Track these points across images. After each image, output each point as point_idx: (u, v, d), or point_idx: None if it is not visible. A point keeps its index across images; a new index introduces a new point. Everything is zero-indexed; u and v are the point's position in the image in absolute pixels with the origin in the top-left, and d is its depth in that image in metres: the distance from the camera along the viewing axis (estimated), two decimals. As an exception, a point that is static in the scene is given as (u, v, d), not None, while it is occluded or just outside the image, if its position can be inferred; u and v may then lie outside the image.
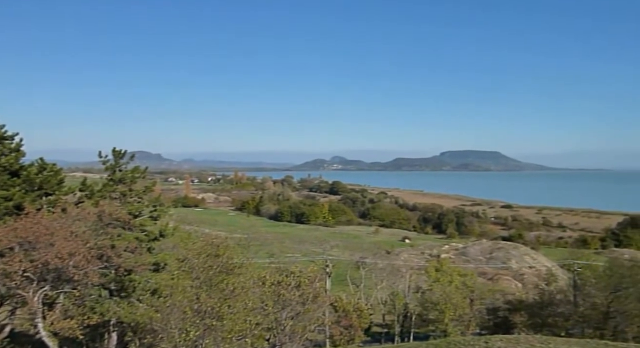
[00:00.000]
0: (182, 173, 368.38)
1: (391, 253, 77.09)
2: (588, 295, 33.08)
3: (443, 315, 34.30)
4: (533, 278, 58.24)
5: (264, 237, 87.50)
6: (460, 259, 69.89)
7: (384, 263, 56.45)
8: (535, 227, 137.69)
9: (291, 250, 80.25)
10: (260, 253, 66.31)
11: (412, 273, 49.35)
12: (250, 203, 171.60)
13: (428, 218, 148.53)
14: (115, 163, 20.47)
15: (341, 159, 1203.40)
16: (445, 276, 39.29)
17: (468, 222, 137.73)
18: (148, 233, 20.20)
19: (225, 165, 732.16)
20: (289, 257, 64.64)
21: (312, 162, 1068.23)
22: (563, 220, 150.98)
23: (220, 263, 15.13)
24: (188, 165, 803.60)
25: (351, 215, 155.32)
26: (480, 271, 60.31)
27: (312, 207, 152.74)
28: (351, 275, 51.92)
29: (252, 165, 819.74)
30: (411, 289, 43.46)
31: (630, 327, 28.60)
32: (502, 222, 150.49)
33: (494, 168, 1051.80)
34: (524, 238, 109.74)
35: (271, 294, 17.62)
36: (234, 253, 16.86)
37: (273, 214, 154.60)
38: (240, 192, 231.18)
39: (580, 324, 32.58)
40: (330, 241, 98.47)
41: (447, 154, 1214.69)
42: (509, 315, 35.97)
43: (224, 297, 14.02)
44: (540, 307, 35.80)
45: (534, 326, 33.46)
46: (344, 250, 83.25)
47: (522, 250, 75.69)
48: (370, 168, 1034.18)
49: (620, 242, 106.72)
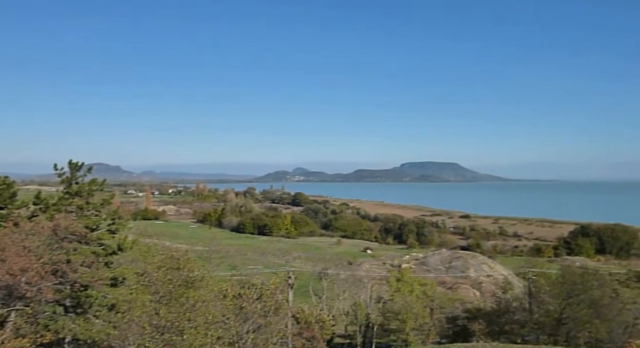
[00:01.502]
0: (142, 185, 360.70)
1: (353, 264, 77.42)
2: (542, 302, 34.06)
3: (404, 325, 34.69)
4: (490, 287, 59.70)
5: (225, 250, 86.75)
6: (420, 269, 70.94)
7: (346, 274, 56.72)
8: (492, 237, 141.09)
9: (253, 262, 79.62)
10: (222, 266, 65.76)
11: (373, 283, 49.67)
12: (212, 215, 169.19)
13: (389, 228, 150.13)
14: (72, 176, 19.86)
15: (303, 170, 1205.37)
16: (406, 286, 39.81)
17: (428, 232, 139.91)
18: (106, 247, 19.64)
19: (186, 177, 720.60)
20: (251, 269, 64.13)
21: (274, 174, 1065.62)
22: (518, 230, 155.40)
23: (180, 277, 14.94)
24: (148, 177, 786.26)
25: (313, 226, 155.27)
26: (440, 280, 61.43)
27: (275, 218, 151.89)
28: (313, 286, 51.95)
29: (214, 177, 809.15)
30: (373, 299, 43.74)
31: (581, 333, 29.60)
32: (461, 232, 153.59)
33: (453, 179, 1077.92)
34: (481, 248, 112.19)
35: (233, 307, 17.48)
36: (195, 267, 16.67)
37: (235, 226, 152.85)
38: (202, 204, 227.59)
39: (535, 331, 33.54)
40: (293, 252, 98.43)
41: (408, 166, 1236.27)
42: (467, 324, 36.64)
43: (184, 311, 13.85)
44: (497, 314, 36.68)
45: (492, 334, 34.26)
46: (306, 262, 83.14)
47: (480, 259, 77.44)
48: (332, 179, 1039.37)
49: (572, 251, 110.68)
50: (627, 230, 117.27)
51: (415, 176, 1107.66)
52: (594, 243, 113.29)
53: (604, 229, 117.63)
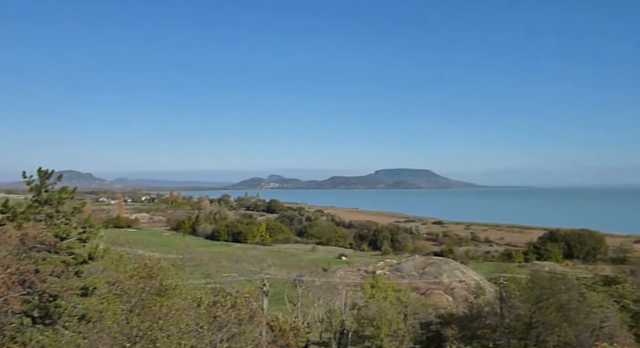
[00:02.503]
0: (114, 193, 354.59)
1: (328, 271, 77.46)
2: (513, 306, 34.64)
3: (379, 331, 34.85)
4: (463, 292, 60.50)
5: (200, 257, 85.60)
6: (394, 275, 71.43)
7: (321, 281, 56.65)
8: (464, 242, 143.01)
9: (228, 270, 78.78)
10: (196, 274, 64.90)
11: (348, 290, 49.84)
12: (186, 222, 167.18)
13: (364, 235, 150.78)
14: (41, 183, 19.42)
15: (278, 177, 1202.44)
16: (380, 292, 40.04)
17: (402, 239, 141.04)
18: (76, 256, 19.22)
19: (160, 185, 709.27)
20: (225, 277, 63.41)
21: (249, 181, 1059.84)
22: (490, 235, 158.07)
23: (153, 286, 14.74)
24: (121, 184, 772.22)
25: (288, 233, 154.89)
26: (414, 286, 61.94)
27: (249, 225, 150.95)
28: (288, 293, 51.74)
29: (188, 184, 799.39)
30: (347, 306, 43.86)
31: (551, 336, 30.18)
32: (434, 238, 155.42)
33: (426, 185, 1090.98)
34: (454, 253, 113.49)
35: (206, 316, 17.31)
36: (168, 275, 16.47)
37: (209, 234, 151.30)
38: (176, 211, 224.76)
39: (506, 335, 34.11)
40: (268, 260, 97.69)
41: (382, 172, 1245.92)
42: (440, 329, 37.06)
43: (157, 320, 13.66)
44: (469, 319, 37.20)
45: (464, 338, 34.75)
46: (281, 269, 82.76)
47: (453, 265, 78.35)
48: (307, 186, 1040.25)
49: (541, 256, 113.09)
50: (594, 236, 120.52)
51: (389, 183, 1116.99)
52: (562, 249, 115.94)
53: (571, 234, 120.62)
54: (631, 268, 45.57)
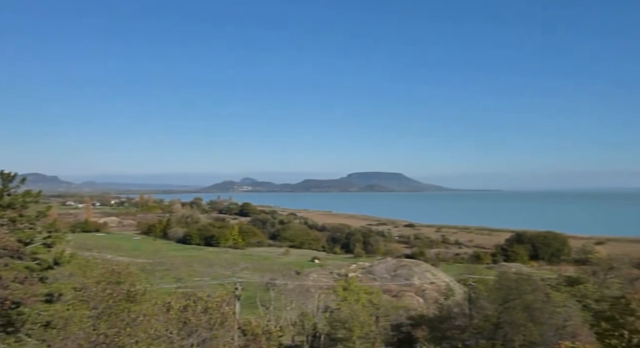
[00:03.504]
0: (82, 196, 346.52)
1: (301, 274, 77.39)
2: (481, 307, 35.24)
3: (351, 333, 34.97)
4: (433, 294, 61.23)
5: (170, 262, 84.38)
6: (367, 277, 71.84)
7: (294, 284, 56.60)
8: (435, 245, 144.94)
9: (200, 274, 77.85)
10: (167, 278, 63.97)
11: (321, 293, 49.87)
12: (157, 226, 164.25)
13: (336, 238, 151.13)
14: (4, 187, 18.91)
15: (251, 180, 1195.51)
16: (352, 295, 40.19)
17: (374, 241, 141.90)
18: (41, 261, 18.77)
19: (130, 188, 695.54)
20: (197, 281, 62.71)
21: (221, 184, 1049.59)
22: (459, 238, 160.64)
23: (121, 291, 14.50)
24: (89, 188, 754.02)
25: (261, 236, 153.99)
26: (386, 288, 62.34)
27: (222, 229, 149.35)
28: (261, 297, 51.44)
29: (160, 188, 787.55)
30: (320, 309, 43.89)
31: (517, 336, 30.84)
32: (406, 241, 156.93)
33: (398, 189, 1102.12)
34: (425, 256, 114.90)
35: (177, 321, 17.11)
36: (137, 280, 16.23)
37: (181, 237, 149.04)
38: (147, 215, 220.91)
39: (475, 335, 34.70)
40: (240, 263, 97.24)
41: (354, 176, 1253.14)
42: (411, 330, 37.42)
43: (125, 326, 13.45)
44: (439, 320, 37.69)
45: (434, 339, 35.18)
46: (254, 272, 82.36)
47: (424, 267, 79.23)
48: (280, 189, 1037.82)
49: (508, 257, 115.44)
50: (558, 237, 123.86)
51: (362, 186, 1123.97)
52: (528, 250, 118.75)
53: (537, 236, 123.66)
54: (593, 269, 46.98)
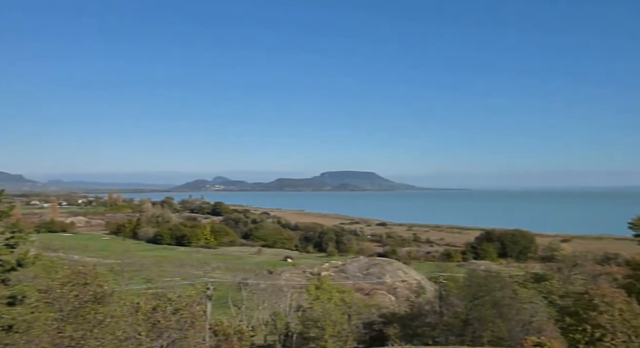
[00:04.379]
0: (47, 195, 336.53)
1: (273, 273, 77.12)
2: (451, 304, 35.80)
3: (323, 332, 35.03)
4: (405, 292, 61.87)
5: (140, 262, 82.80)
6: (339, 276, 72.12)
7: (266, 284, 56.34)
8: (407, 243, 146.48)
9: (170, 274, 76.80)
10: (136, 279, 62.82)
11: (293, 292, 49.78)
12: (126, 226, 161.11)
13: (309, 237, 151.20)
14: (-36, 185, 18.23)
15: (224, 179, 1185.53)
16: (324, 293, 40.27)
17: (347, 240, 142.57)
18: (3, 263, 18.19)
19: (98, 187, 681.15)
20: (167, 282, 61.85)
21: (193, 183, 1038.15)
22: (430, 236, 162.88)
23: (88, 292, 14.16)
24: (55, 187, 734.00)
25: (234, 235, 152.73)
26: (358, 287, 62.75)
27: (194, 228, 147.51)
28: (233, 297, 51.04)
29: (129, 187, 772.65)
30: (292, 308, 43.85)
31: (485, 332, 31.42)
32: (378, 239, 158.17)
33: (370, 188, 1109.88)
34: (397, 254, 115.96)
35: (145, 322, 16.82)
36: (104, 281, 15.88)
37: (152, 237, 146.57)
38: (116, 214, 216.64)
39: (445, 332, 35.22)
40: (212, 263, 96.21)
41: (327, 175, 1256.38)
42: (383, 328, 37.73)
43: (92, 328, 13.14)
44: (410, 318, 38.12)
45: (406, 337, 35.55)
46: (226, 272, 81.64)
47: (396, 265, 79.99)
48: (253, 188, 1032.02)
49: (478, 255, 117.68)
50: (525, 235, 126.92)
51: (335, 185, 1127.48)
52: (497, 248, 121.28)
53: (505, 234, 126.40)
54: (558, 266, 48.34)
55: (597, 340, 26.56)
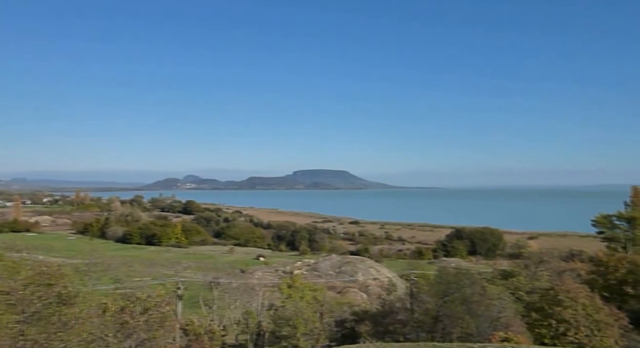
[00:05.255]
0: (10, 194, 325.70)
1: (246, 272, 76.70)
2: (422, 301, 36.14)
3: (295, 331, 34.98)
4: (377, 289, 62.43)
5: (108, 262, 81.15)
6: (312, 274, 72.25)
7: (238, 283, 55.95)
8: (379, 241, 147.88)
9: (140, 274, 75.58)
10: (104, 279, 61.41)
11: (266, 291, 49.58)
12: (94, 225, 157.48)
13: (282, 235, 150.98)
14: None
15: (195, 178, 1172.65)
16: (297, 292, 40.22)
17: (320, 239, 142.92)
18: (-38, 263, 17.54)
19: (64, 185, 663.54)
20: (137, 282, 60.75)
21: (164, 182, 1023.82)
22: (402, 234, 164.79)
23: (52, 294, 13.76)
24: (18, 185, 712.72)
25: (205, 234, 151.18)
26: (330, 285, 62.97)
27: (164, 227, 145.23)
28: (204, 296, 50.50)
29: (97, 185, 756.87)
30: (264, 307, 43.65)
31: (455, 328, 31.87)
32: (351, 238, 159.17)
33: (343, 186, 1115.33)
34: (369, 252, 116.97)
35: (113, 323, 16.48)
36: (70, 281, 15.47)
37: (120, 237, 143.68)
38: (83, 213, 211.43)
39: (415, 329, 35.58)
40: (183, 262, 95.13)
41: (300, 173, 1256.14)
42: (355, 326, 37.87)
43: (56, 331, 12.77)
44: (382, 315, 38.38)
45: (377, 334, 35.78)
46: (197, 271, 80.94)
47: (368, 263, 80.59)
48: (225, 187, 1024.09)
49: (448, 252, 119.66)
50: (494, 233, 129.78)
51: (308, 184, 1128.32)
52: (467, 246, 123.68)
53: (475, 232, 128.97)
54: (525, 263, 49.38)
55: (562, 335, 27.36)
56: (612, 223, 67.21)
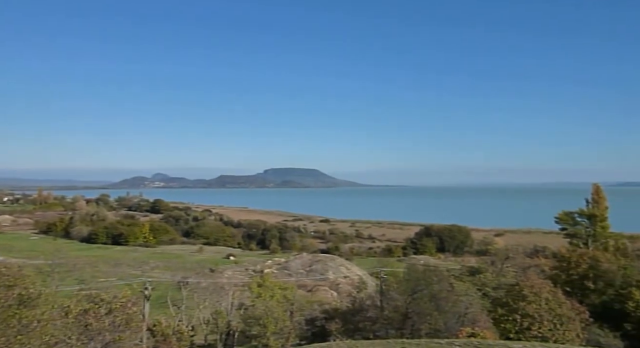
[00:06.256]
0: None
1: (215, 272, 75.86)
2: (391, 299, 36.51)
3: (265, 330, 34.85)
4: (347, 287, 62.72)
5: (73, 262, 78.88)
6: (282, 273, 72.06)
7: (208, 282, 55.37)
8: (349, 239, 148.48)
9: (106, 275, 73.91)
10: (68, 280, 59.84)
11: (236, 290, 49.23)
12: (57, 225, 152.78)
13: (252, 234, 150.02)
14: None
15: (163, 176, 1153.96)
16: (267, 291, 40.10)
17: (290, 237, 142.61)
18: None
19: (26, 184, 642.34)
20: (102, 282, 59.37)
21: (131, 180, 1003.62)
22: (372, 232, 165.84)
23: (12, 296, 13.27)
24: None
25: (174, 234, 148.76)
26: (301, 284, 62.96)
27: (131, 227, 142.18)
28: (172, 296, 49.75)
29: (61, 184, 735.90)
30: (234, 306, 43.32)
31: (424, 325, 32.31)
32: (321, 236, 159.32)
33: (314, 185, 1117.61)
34: (340, 250, 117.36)
35: (76, 325, 16.02)
36: (31, 283, 14.96)
37: (86, 236, 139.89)
38: (46, 213, 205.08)
39: (385, 326, 35.94)
40: (151, 262, 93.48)
41: (270, 172, 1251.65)
42: (325, 324, 38.01)
43: (16, 334, 12.32)
44: (352, 313, 38.65)
45: (347, 332, 36.00)
46: (165, 271, 79.71)
47: (338, 262, 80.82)
48: (194, 185, 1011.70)
49: (417, 250, 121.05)
50: (462, 230, 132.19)
51: (278, 182, 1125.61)
52: (436, 243, 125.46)
53: (443, 230, 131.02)
54: (492, 259, 50.71)
55: (526, 329, 28.10)
56: (574, 220, 69.35)
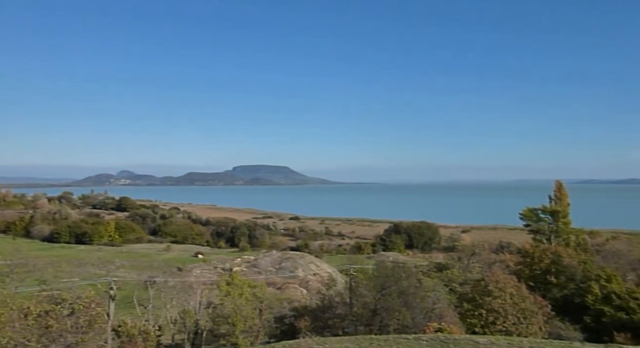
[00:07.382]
0: None
1: (183, 270, 74.82)
2: (360, 295, 36.74)
3: (234, 328, 34.57)
4: (317, 285, 62.81)
5: (33, 262, 76.26)
6: (252, 271, 71.67)
7: (175, 281, 54.58)
8: (319, 237, 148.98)
9: (68, 275, 71.89)
10: (28, 281, 57.78)
11: (204, 288, 48.61)
12: (17, 224, 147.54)
13: (221, 232, 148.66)
14: None
15: (129, 173, 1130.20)
16: (236, 289, 39.68)
17: (260, 235, 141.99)
18: None
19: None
20: (65, 283, 57.63)
21: (95, 177, 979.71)
22: (342, 230, 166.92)
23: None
24: None
25: (141, 232, 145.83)
26: (270, 281, 62.71)
27: (96, 225, 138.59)
28: (138, 296, 48.77)
29: (21, 181, 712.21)
30: (202, 305, 42.78)
31: (392, 321, 32.68)
32: (291, 233, 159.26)
33: (284, 182, 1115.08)
34: (309, 248, 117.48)
35: (37, 327, 15.47)
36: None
37: (47, 235, 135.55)
38: (4, 211, 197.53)
39: (354, 323, 36.14)
40: (116, 261, 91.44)
41: (240, 169, 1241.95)
42: (294, 321, 37.98)
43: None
44: (321, 310, 38.70)
45: (317, 329, 36.05)
46: (131, 270, 78.24)
47: (308, 259, 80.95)
48: (162, 183, 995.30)
49: (386, 247, 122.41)
50: (430, 227, 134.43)
51: (248, 179, 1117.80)
52: (404, 240, 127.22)
53: (412, 227, 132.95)
54: (458, 255, 51.62)
55: (491, 324, 28.74)
56: (538, 217, 71.27)
